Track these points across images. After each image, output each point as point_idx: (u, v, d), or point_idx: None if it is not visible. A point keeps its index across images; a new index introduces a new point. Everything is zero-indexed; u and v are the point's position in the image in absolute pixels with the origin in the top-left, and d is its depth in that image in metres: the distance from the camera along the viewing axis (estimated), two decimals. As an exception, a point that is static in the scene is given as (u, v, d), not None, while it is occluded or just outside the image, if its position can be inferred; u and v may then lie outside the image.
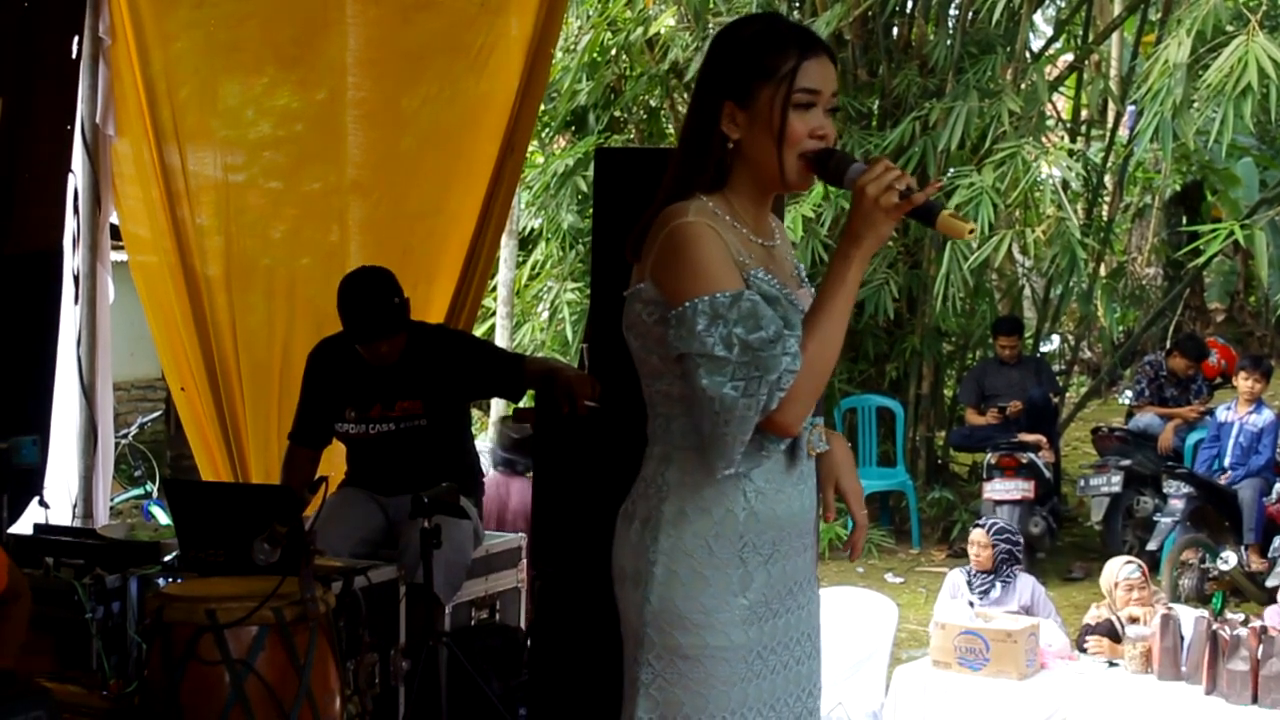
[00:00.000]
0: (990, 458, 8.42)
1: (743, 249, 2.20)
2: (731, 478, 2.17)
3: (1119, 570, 5.47)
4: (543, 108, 9.12)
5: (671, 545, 2.18)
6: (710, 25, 9.08)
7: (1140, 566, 5.52)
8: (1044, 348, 11.18)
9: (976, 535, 5.84)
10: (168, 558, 3.89)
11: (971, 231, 2.12)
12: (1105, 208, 10.66)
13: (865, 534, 2.43)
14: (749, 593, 2.19)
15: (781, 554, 2.24)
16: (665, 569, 2.18)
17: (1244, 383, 8.18)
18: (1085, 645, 5.22)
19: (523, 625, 4.72)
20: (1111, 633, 5.21)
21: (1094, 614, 5.46)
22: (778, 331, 2.09)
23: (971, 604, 5.65)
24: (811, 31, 2.31)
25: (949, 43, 9.44)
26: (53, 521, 4.62)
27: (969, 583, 5.78)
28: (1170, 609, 5.04)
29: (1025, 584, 5.79)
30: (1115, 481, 8.29)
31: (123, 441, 9.60)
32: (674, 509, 2.19)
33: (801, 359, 2.10)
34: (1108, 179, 10.63)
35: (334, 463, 4.61)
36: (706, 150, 2.22)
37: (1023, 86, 9.14)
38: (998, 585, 5.72)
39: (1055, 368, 11.19)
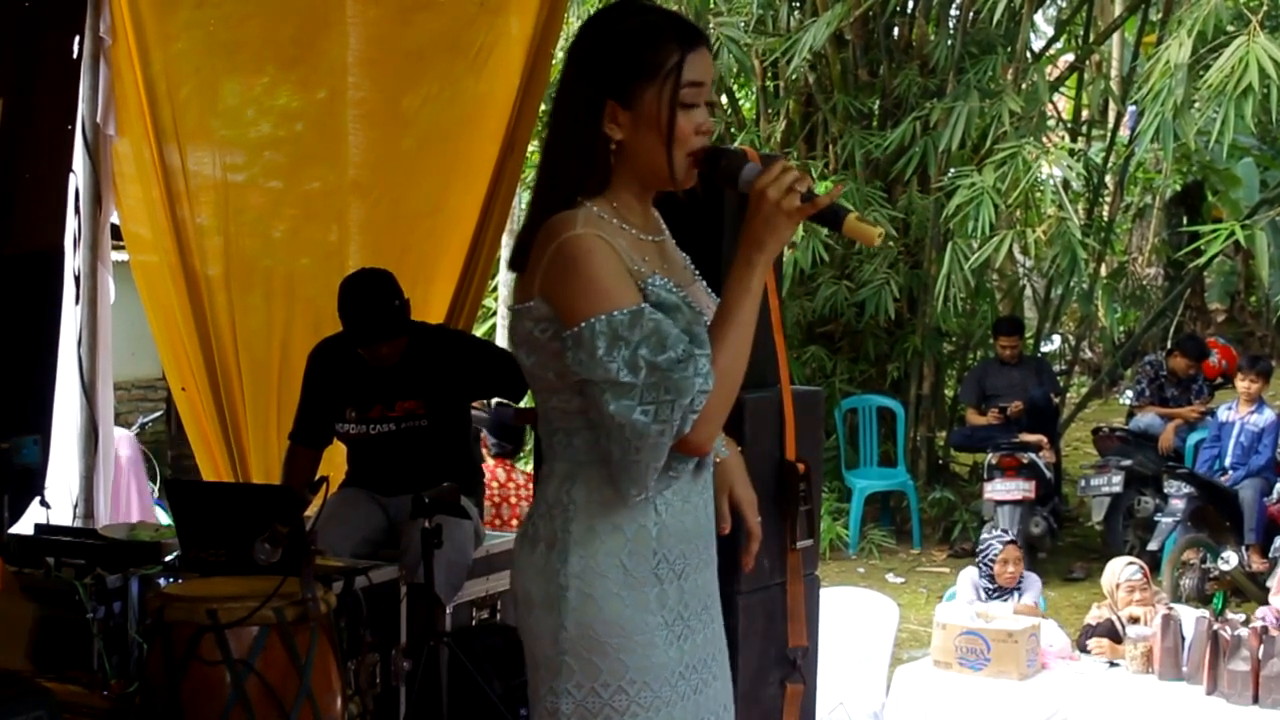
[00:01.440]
0: (991, 458, 8.42)
1: (634, 253, 2.08)
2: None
3: (1121, 571, 5.47)
4: (543, 108, 9.10)
5: (584, 567, 2.06)
6: (710, 25, 9.06)
7: (1142, 568, 5.52)
8: (1045, 348, 11.18)
9: (1009, 553, 5.76)
10: (169, 558, 3.89)
11: (881, 235, 2.05)
12: (1106, 208, 10.66)
13: (758, 544, 2.34)
14: (665, 610, 2.09)
15: (692, 567, 2.15)
16: (579, 592, 2.06)
17: (1244, 383, 8.19)
18: (1087, 646, 5.22)
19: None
20: (1112, 633, 5.21)
21: (1095, 614, 5.46)
22: (686, 351, 1.98)
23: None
24: (688, 21, 2.20)
25: (950, 43, 9.45)
26: (54, 521, 4.61)
27: (986, 589, 5.78)
28: (1171, 609, 5.04)
29: (1033, 584, 5.81)
30: (1116, 482, 8.29)
31: (123, 442, 9.58)
32: (582, 528, 2.07)
33: (713, 376, 2.00)
34: (1108, 179, 10.62)
35: (334, 463, 4.61)
36: (590, 154, 2.09)
37: (1023, 87, 9.14)
38: (1015, 595, 5.73)
39: (1056, 368, 11.19)
